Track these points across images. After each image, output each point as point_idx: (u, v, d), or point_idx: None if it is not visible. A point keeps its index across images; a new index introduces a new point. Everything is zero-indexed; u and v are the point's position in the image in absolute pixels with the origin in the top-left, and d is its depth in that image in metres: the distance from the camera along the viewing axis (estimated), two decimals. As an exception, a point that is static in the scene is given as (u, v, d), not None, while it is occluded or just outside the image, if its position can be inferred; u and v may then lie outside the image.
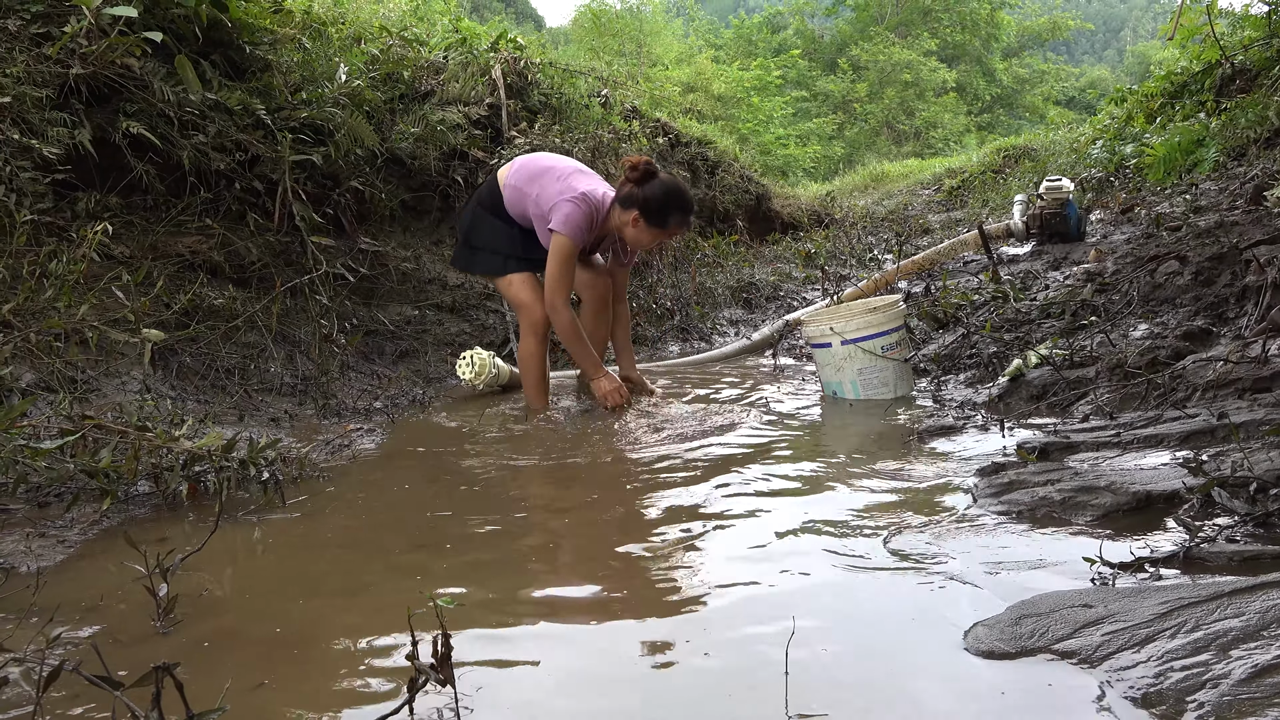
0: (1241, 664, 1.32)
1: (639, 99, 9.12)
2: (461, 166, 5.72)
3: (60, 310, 3.00)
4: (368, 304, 4.84)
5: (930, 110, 33.28)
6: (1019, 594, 1.64)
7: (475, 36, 6.92)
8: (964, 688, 1.38)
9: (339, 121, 4.67)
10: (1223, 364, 2.83)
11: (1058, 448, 2.51)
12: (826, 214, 11.21)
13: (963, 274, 6.33)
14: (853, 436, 3.16)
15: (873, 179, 18.98)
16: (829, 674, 1.44)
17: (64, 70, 3.63)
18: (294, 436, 3.33)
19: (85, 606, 1.81)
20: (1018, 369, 3.38)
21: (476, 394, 4.33)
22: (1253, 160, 6.46)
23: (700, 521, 2.23)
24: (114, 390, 3.18)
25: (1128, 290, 3.98)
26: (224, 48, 4.41)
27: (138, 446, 2.41)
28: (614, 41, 25.97)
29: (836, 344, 3.68)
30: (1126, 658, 1.40)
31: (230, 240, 4.20)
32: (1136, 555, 1.75)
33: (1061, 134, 14.82)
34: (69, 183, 3.68)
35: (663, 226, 3.46)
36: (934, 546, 1.94)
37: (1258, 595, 1.47)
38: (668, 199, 3.43)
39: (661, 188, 3.43)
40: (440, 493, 2.68)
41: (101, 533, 2.29)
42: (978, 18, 38.22)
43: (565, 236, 3.42)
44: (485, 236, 3.75)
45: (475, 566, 2.03)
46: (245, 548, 2.22)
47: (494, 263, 3.75)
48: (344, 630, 1.68)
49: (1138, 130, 9.41)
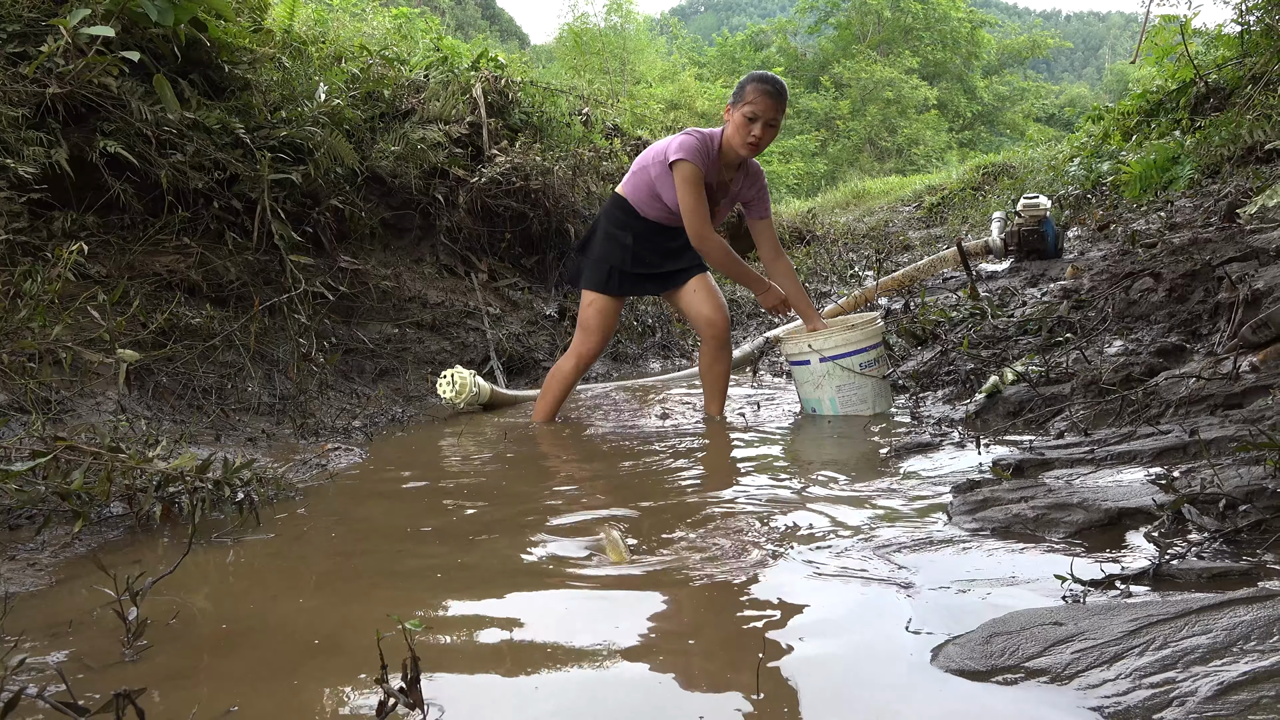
0: (1208, 681, 1.33)
1: (620, 117, 9.17)
2: (442, 184, 5.73)
3: (34, 330, 2.98)
4: (347, 322, 4.83)
5: (912, 127, 33.61)
6: (991, 612, 1.65)
7: (456, 55, 6.95)
8: (934, 706, 1.39)
9: (318, 140, 4.67)
10: (1195, 380, 2.86)
11: (1032, 464, 2.53)
12: (808, 231, 11.28)
13: (942, 290, 6.37)
14: (830, 453, 3.17)
15: (854, 196, 19.11)
16: (797, 692, 1.44)
17: (41, 89, 3.62)
18: (271, 456, 3.31)
19: (55, 631, 1.79)
20: (994, 386, 3.40)
21: (457, 413, 4.32)
22: (1226, 178, 6.55)
23: (672, 538, 2.23)
24: (89, 411, 3.16)
25: (1103, 307, 4.02)
26: (203, 67, 4.41)
27: (111, 468, 2.39)
28: (597, 60, 26.09)
29: (815, 361, 3.70)
30: (1096, 675, 1.40)
31: (208, 259, 4.19)
32: (1107, 573, 1.76)
33: (1040, 151, 14.98)
34: (45, 202, 3.66)
35: (741, 100, 3.49)
36: (907, 563, 1.94)
37: (1225, 612, 1.49)
38: (744, 79, 3.56)
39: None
40: (418, 513, 2.67)
41: (73, 556, 2.26)
42: (958, 36, 38.67)
43: (686, 160, 3.52)
44: (598, 248, 3.82)
45: (451, 587, 2.02)
46: (219, 570, 2.20)
47: (598, 275, 3.80)
48: (317, 653, 1.67)
49: (1114, 148, 9.52)
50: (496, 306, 5.74)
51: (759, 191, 3.82)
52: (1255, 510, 1.90)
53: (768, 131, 3.52)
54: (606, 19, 28.52)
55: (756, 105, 3.47)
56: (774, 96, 3.48)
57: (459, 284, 5.72)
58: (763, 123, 3.48)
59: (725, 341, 3.86)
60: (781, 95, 3.51)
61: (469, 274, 5.81)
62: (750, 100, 3.47)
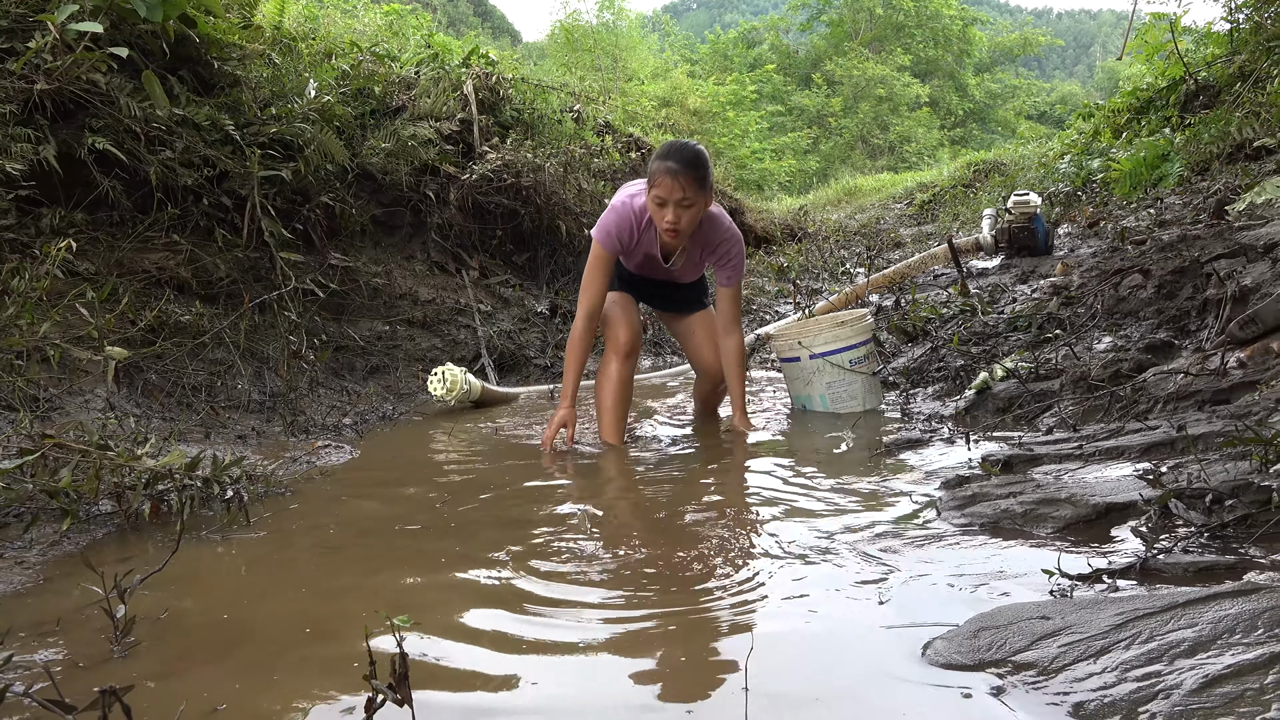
0: (1193, 674, 1.34)
1: (612, 114, 9.17)
2: (433, 181, 5.72)
3: (22, 328, 2.97)
4: (338, 319, 4.82)
5: (904, 125, 33.66)
6: (979, 606, 1.66)
7: (448, 52, 6.94)
8: (921, 700, 1.39)
9: (308, 137, 4.66)
10: (1183, 376, 2.87)
11: (1021, 460, 2.54)
12: (800, 228, 11.29)
13: (933, 287, 6.39)
14: (820, 449, 3.18)
15: (846, 193, 19.13)
16: (786, 686, 1.45)
17: (28, 86, 3.61)
18: (261, 454, 3.30)
19: (42, 629, 1.79)
20: (984, 382, 3.41)
21: (448, 410, 4.32)
22: (1215, 175, 6.58)
23: (660, 534, 2.24)
24: (77, 409, 3.15)
25: (1092, 303, 4.03)
26: (192, 63, 4.39)
27: (99, 465, 2.38)
28: (589, 56, 26.06)
29: (805, 358, 3.70)
30: (1082, 669, 1.41)
31: (198, 256, 4.17)
32: (1094, 567, 1.77)
33: (1030, 149, 15.03)
34: (33, 199, 3.65)
35: (649, 181, 3.10)
36: (896, 558, 1.95)
37: (1210, 606, 1.49)
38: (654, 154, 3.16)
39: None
40: (408, 510, 2.66)
41: (62, 554, 2.26)
42: (950, 34, 38.73)
43: (595, 239, 3.26)
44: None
45: (439, 584, 2.02)
46: (208, 567, 2.19)
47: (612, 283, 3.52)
48: (305, 650, 1.67)
49: (1104, 145, 9.55)
50: (488, 303, 5.74)
51: (721, 260, 3.41)
52: (1241, 505, 1.91)
53: (683, 213, 3.07)
54: (598, 16, 28.49)
55: (660, 189, 3.04)
56: (677, 174, 3.01)
57: (450, 281, 5.72)
58: (673, 205, 3.05)
59: (720, 380, 3.69)
60: (689, 167, 3.03)
61: (460, 271, 5.80)
62: (655, 184, 3.05)
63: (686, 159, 3.03)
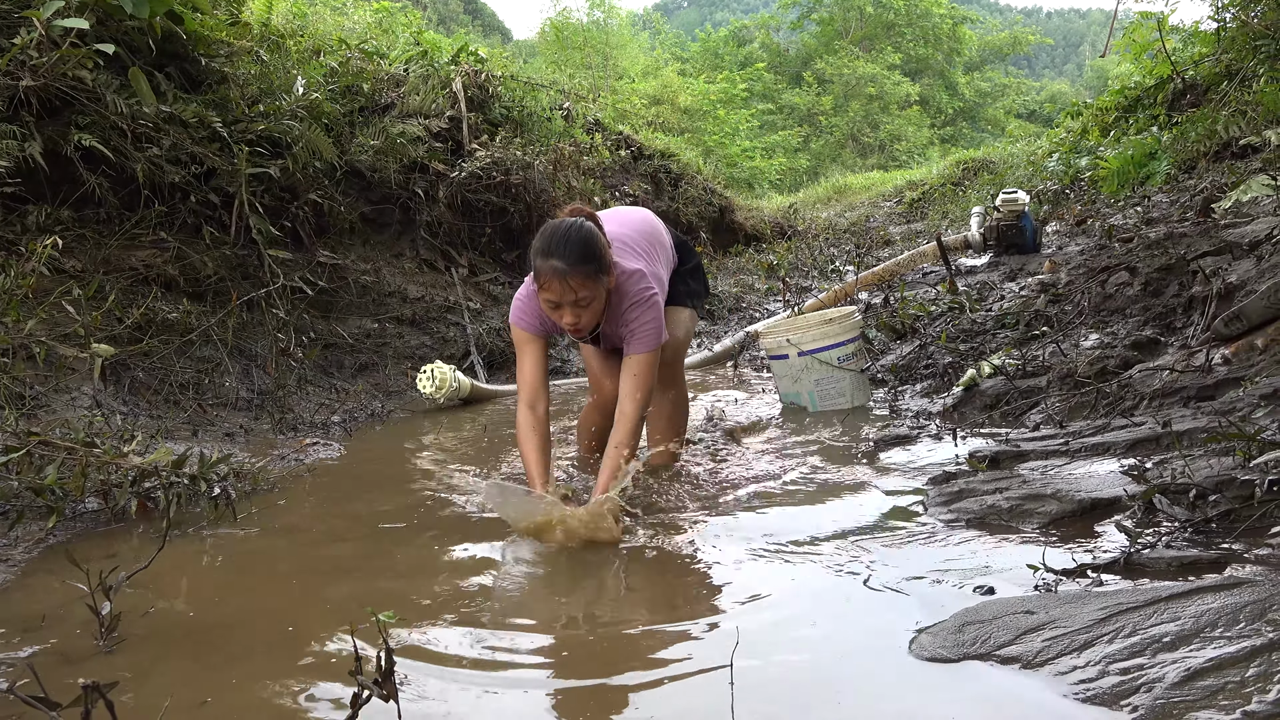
0: (1175, 667, 1.35)
1: (602, 112, 9.16)
2: (422, 179, 5.71)
3: (8, 325, 2.95)
4: (326, 317, 4.81)
5: (894, 123, 33.70)
6: (964, 601, 1.66)
7: (437, 49, 6.92)
8: (907, 694, 1.40)
9: (297, 134, 4.64)
10: (1169, 373, 2.89)
11: (1008, 456, 2.55)
12: (789, 226, 11.30)
13: (921, 285, 6.40)
14: (809, 446, 3.18)
15: (836, 191, 19.16)
16: (774, 679, 1.45)
17: (13, 82, 3.58)
18: (249, 451, 3.29)
19: (27, 625, 1.78)
20: (972, 379, 3.42)
21: (437, 407, 4.31)
22: (1202, 173, 6.61)
23: (648, 532, 2.24)
24: (64, 406, 3.13)
25: (1080, 301, 4.05)
26: (179, 60, 4.37)
27: (85, 463, 2.37)
28: (579, 55, 26.02)
29: (793, 355, 3.71)
30: (1066, 662, 1.42)
31: (185, 254, 4.16)
32: (1079, 562, 1.78)
33: (1020, 147, 15.07)
34: (18, 196, 3.63)
35: (539, 286, 2.50)
36: (883, 554, 1.96)
37: (1193, 600, 1.50)
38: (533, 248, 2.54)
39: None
40: (396, 507, 2.66)
41: (47, 551, 2.25)
42: (940, 32, 38.78)
43: (511, 322, 2.78)
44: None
45: (425, 581, 2.02)
46: (194, 563, 2.19)
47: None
48: (290, 645, 1.67)
49: (1093, 144, 9.58)
50: (477, 301, 5.73)
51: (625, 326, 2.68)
52: (1225, 500, 1.92)
53: (581, 312, 2.50)
54: (589, 13, 28.45)
55: (550, 292, 2.47)
56: (565, 275, 2.42)
57: (439, 279, 5.70)
58: (569, 307, 2.48)
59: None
60: (579, 264, 2.44)
61: (449, 268, 5.79)
62: (543, 285, 2.48)
63: (573, 255, 2.44)
